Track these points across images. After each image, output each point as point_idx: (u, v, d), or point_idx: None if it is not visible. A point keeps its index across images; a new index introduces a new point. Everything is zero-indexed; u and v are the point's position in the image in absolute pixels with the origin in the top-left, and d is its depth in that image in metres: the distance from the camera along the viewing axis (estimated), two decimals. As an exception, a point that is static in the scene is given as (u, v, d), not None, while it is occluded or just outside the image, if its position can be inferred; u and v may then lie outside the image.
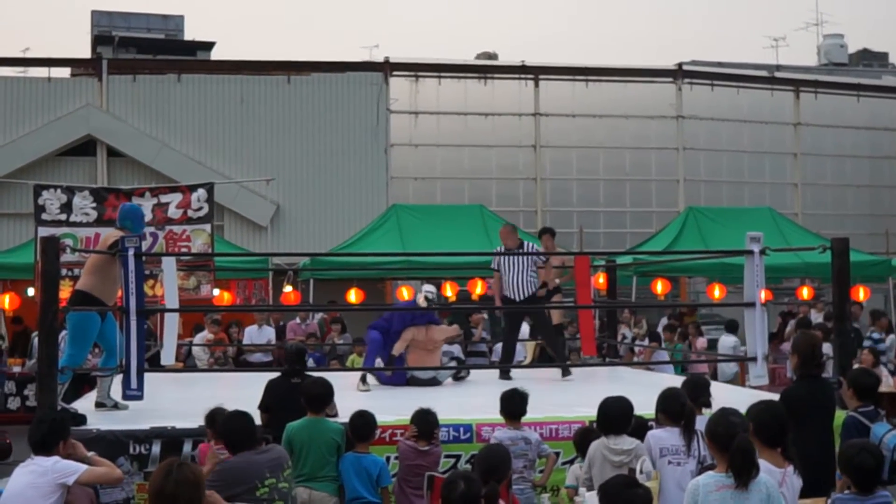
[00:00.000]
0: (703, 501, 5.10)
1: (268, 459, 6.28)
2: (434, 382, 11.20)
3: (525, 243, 12.02)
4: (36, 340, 13.14)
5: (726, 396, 7.85)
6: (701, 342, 16.74)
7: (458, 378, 11.72)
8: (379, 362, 11.28)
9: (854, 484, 5.42)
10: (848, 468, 5.48)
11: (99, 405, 9.00)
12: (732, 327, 17.33)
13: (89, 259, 9.38)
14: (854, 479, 5.42)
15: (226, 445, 6.41)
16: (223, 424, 6.55)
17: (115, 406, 8.95)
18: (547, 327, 12.32)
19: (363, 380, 10.75)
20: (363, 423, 7.45)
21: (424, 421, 7.46)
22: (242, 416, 6.50)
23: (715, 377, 15.88)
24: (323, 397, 7.44)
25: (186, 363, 15.44)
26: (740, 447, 5.11)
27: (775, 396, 7.66)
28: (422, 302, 11.35)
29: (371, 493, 7.24)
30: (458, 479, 5.26)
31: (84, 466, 6.21)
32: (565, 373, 11.74)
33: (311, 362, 13.96)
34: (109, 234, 9.21)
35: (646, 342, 16.46)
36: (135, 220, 9.26)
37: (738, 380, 15.35)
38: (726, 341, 17.17)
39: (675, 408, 6.71)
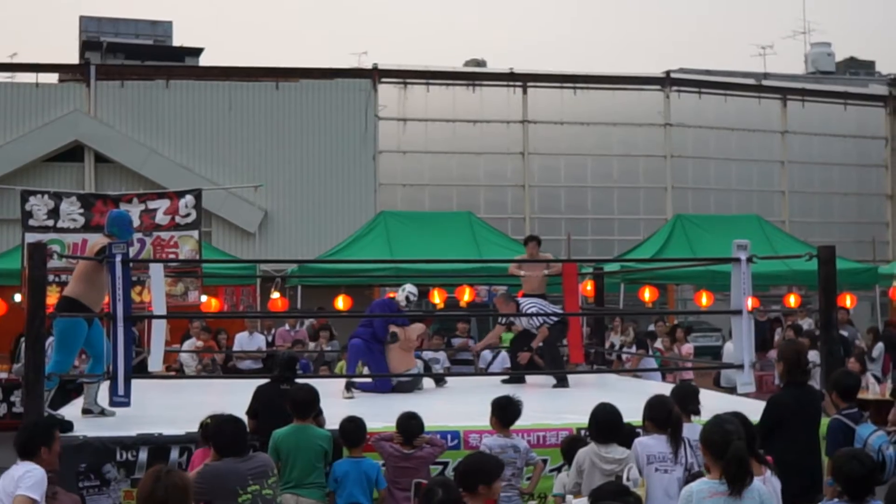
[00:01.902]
0: (696, 508, 5.10)
1: (252, 467, 6.27)
2: (415, 385, 11.25)
3: (521, 302, 12.22)
4: (23, 346, 13.08)
5: (714, 404, 7.86)
6: (686, 348, 16.75)
7: (438, 384, 11.78)
8: (366, 369, 11.31)
9: (845, 492, 5.43)
10: (839, 477, 5.49)
11: (86, 412, 8.95)
12: None
13: (77, 266, 9.35)
14: (845, 488, 5.43)
15: (214, 448, 6.40)
16: (214, 427, 6.53)
17: (102, 413, 8.90)
18: (552, 348, 12.40)
19: (348, 387, 10.76)
20: (354, 428, 7.45)
21: (406, 425, 7.46)
22: (235, 423, 6.51)
23: (717, 383, 15.90)
24: (309, 403, 7.43)
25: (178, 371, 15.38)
26: (736, 455, 5.13)
27: (761, 404, 7.69)
28: (402, 301, 11.42)
29: (367, 499, 7.24)
30: (435, 486, 5.27)
31: (31, 495, 5.91)
32: (560, 383, 11.75)
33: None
34: (97, 241, 9.17)
35: (633, 349, 16.48)
36: (122, 227, 9.23)
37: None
38: (729, 348, 17.16)
39: (662, 415, 6.70)
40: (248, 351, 16.18)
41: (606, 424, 6.84)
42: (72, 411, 9.05)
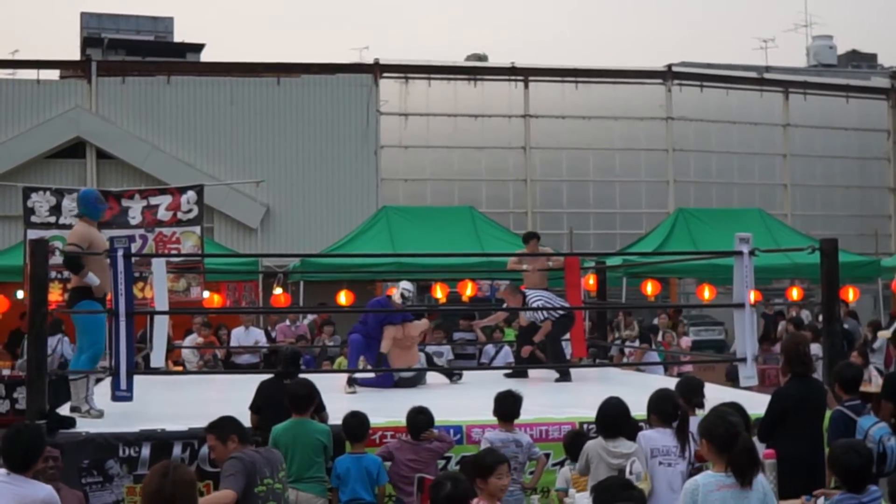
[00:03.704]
0: (703, 501, 5.09)
1: (269, 459, 6.33)
2: (418, 380, 11.23)
3: (527, 294, 12.18)
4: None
5: (718, 397, 7.83)
6: (685, 341, 16.73)
7: (452, 379, 11.76)
8: (364, 364, 11.29)
9: (843, 483, 5.42)
10: (835, 467, 5.49)
11: (73, 410, 8.79)
12: None
13: None
14: (842, 479, 5.43)
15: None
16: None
17: (89, 412, 8.59)
18: (554, 343, 12.38)
19: (349, 382, 10.75)
20: (357, 423, 7.45)
21: (413, 419, 7.47)
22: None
23: (730, 378, 15.86)
24: (306, 398, 7.42)
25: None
26: (745, 447, 5.11)
27: (765, 398, 7.68)
28: (397, 298, 11.38)
29: (369, 494, 7.23)
30: (444, 480, 5.26)
31: None
32: (563, 378, 11.74)
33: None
34: (73, 231, 8.99)
35: (636, 343, 16.45)
36: (90, 205, 8.96)
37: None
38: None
39: (668, 409, 6.67)
40: (245, 346, 16.17)
41: (613, 419, 6.80)
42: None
